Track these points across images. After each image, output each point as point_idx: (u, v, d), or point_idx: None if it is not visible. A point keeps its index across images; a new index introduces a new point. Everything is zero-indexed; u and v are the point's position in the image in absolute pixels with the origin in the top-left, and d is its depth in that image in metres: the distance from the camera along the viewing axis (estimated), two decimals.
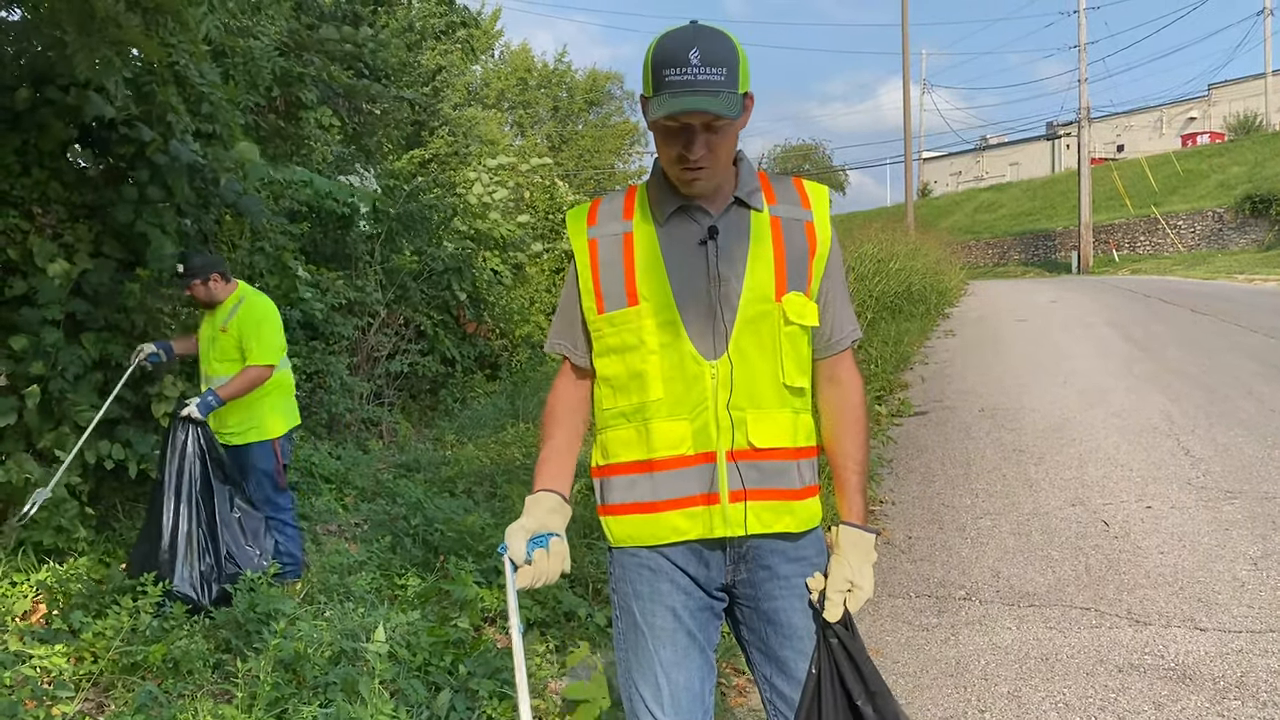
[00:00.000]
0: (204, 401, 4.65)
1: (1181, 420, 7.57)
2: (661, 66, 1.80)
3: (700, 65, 1.77)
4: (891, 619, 4.32)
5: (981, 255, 41.89)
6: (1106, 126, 52.72)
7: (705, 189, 1.92)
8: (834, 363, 2.05)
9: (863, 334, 2.19)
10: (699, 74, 1.77)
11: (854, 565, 1.94)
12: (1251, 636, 3.87)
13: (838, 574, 1.94)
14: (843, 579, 1.93)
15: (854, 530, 1.98)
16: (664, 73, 1.79)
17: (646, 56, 1.85)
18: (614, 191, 2.07)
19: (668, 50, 1.80)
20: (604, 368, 2.01)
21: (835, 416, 2.05)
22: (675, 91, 1.78)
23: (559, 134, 44.84)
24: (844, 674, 1.90)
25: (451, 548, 4.76)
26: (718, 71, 1.78)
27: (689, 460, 1.93)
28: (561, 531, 1.93)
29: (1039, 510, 5.71)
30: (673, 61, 1.79)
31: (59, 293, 5.07)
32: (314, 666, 3.33)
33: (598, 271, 1.97)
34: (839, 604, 1.92)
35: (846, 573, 1.94)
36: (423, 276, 10.47)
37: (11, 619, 4.16)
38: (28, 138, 5.17)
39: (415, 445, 8.48)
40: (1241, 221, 31.83)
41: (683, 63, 1.78)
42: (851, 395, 2.05)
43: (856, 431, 2.04)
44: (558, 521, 1.93)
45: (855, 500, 2.01)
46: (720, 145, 1.86)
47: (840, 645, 1.92)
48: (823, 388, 2.06)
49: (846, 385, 2.05)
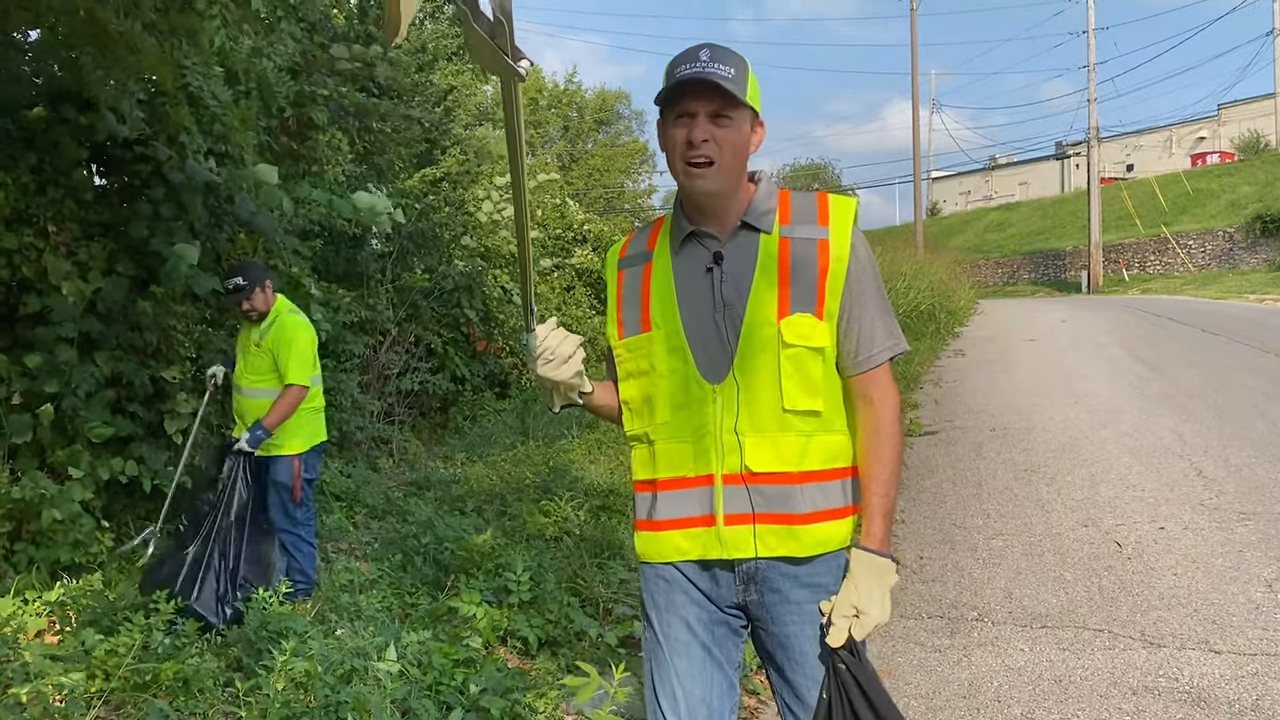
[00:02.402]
0: (253, 436, 4.71)
1: (1194, 440, 7.53)
2: (673, 67, 1.90)
3: (710, 61, 1.87)
4: (904, 640, 4.30)
5: (991, 274, 41.87)
6: (1116, 146, 52.73)
7: (710, 188, 1.91)
8: (866, 380, 1.97)
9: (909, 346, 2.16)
10: (708, 67, 1.86)
11: (862, 590, 1.89)
12: (1267, 660, 3.84)
13: (844, 599, 1.90)
14: (848, 604, 1.89)
15: (866, 554, 1.92)
16: (675, 71, 1.89)
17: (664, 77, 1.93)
18: (646, 224, 2.15)
19: (680, 55, 1.91)
20: (624, 392, 2.08)
21: (862, 438, 1.99)
22: (684, 78, 1.86)
23: (569, 153, 45.01)
24: (853, 700, 1.88)
25: (462, 566, 4.76)
26: (726, 69, 1.86)
27: (690, 482, 1.96)
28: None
29: (1051, 531, 5.69)
30: (684, 60, 1.89)
31: (73, 310, 5.10)
32: (325, 685, 3.33)
33: (621, 300, 2.07)
34: (843, 630, 1.88)
35: (853, 598, 1.89)
36: (433, 295, 10.49)
37: (24, 636, 4.16)
38: (44, 157, 5.21)
39: (425, 463, 8.47)
40: (1252, 241, 31.77)
41: (693, 59, 1.88)
42: (881, 415, 1.97)
43: (879, 454, 1.96)
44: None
45: (874, 523, 1.94)
46: (726, 141, 1.88)
47: (848, 671, 1.89)
48: (856, 407, 2.00)
49: (877, 405, 1.97)
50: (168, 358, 5.77)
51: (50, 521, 4.71)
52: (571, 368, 1.97)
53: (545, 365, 1.95)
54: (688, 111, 1.88)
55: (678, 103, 1.89)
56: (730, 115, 1.87)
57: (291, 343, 4.84)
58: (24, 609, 4.42)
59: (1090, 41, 34.32)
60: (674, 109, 1.90)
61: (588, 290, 14.12)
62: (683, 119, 1.89)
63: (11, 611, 4.35)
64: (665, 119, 1.93)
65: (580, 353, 1.98)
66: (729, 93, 1.84)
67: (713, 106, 1.87)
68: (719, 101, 1.86)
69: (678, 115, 1.89)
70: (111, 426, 5.19)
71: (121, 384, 5.43)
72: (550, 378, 1.97)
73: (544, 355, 1.95)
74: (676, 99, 1.89)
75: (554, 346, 1.95)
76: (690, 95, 1.87)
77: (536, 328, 1.96)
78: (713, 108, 1.87)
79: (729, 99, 1.86)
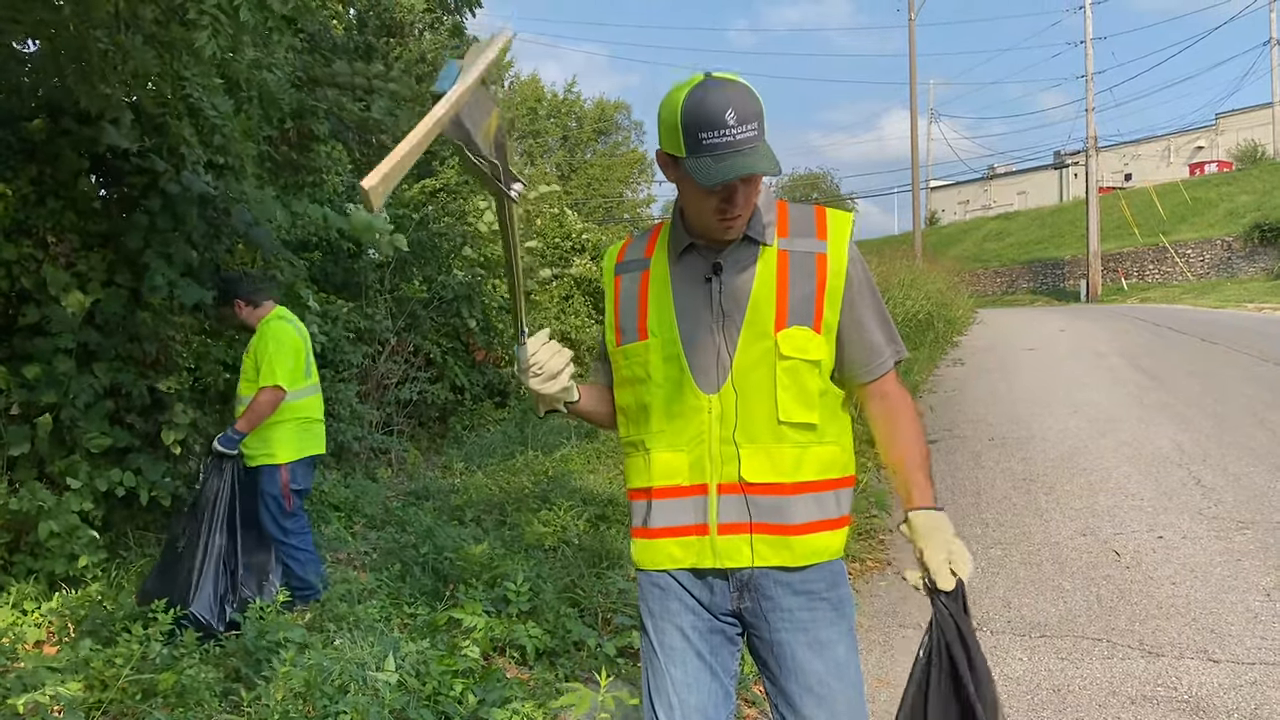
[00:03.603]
0: (225, 437, 4.76)
1: (1192, 449, 7.54)
2: (697, 130, 1.78)
3: (737, 125, 1.77)
4: (902, 650, 4.30)
5: (990, 284, 41.90)
6: (1114, 155, 52.83)
7: (739, 234, 1.95)
8: (878, 385, 2.04)
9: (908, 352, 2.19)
10: (738, 134, 1.77)
11: (943, 539, 1.88)
12: (1265, 669, 3.84)
13: (934, 550, 1.87)
14: (941, 549, 1.86)
15: (929, 513, 1.92)
16: (700, 136, 1.78)
17: (673, 116, 1.82)
18: (644, 230, 2.15)
19: (702, 114, 1.78)
20: (620, 398, 2.10)
21: (888, 425, 2.03)
22: (719, 155, 1.78)
23: (568, 163, 45.11)
24: (952, 649, 1.83)
25: (461, 576, 4.76)
26: (752, 128, 1.79)
27: (683, 491, 1.97)
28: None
29: (1049, 540, 5.69)
30: (709, 124, 1.77)
31: (71, 321, 5.11)
32: (323, 695, 3.32)
33: (618, 307, 2.07)
34: (947, 572, 1.85)
35: (942, 543, 1.87)
36: (432, 304, 10.50)
37: (23, 646, 4.16)
38: (44, 168, 5.22)
39: (424, 473, 8.47)
40: (1251, 250, 31.81)
41: (719, 124, 1.77)
42: (901, 405, 2.04)
43: (910, 432, 2.02)
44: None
45: (924, 485, 1.96)
46: (755, 193, 1.91)
47: (950, 617, 1.85)
48: (871, 406, 2.05)
49: (894, 398, 2.04)
50: (166, 368, 5.77)
51: (48, 534, 4.71)
52: (559, 383, 1.99)
53: (534, 379, 1.97)
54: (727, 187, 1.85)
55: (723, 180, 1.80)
56: None
57: (270, 346, 4.87)
58: (23, 619, 4.42)
59: (1088, 51, 34.40)
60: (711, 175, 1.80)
61: (586, 299, 14.14)
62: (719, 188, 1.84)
63: (10, 622, 4.35)
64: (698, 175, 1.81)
65: (570, 368, 2.00)
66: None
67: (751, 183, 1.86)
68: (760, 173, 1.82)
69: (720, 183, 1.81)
70: (110, 437, 5.19)
71: (120, 395, 5.43)
72: (539, 391, 1.98)
73: (533, 369, 1.96)
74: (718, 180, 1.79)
75: (544, 361, 1.96)
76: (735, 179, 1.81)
77: (527, 340, 1.97)
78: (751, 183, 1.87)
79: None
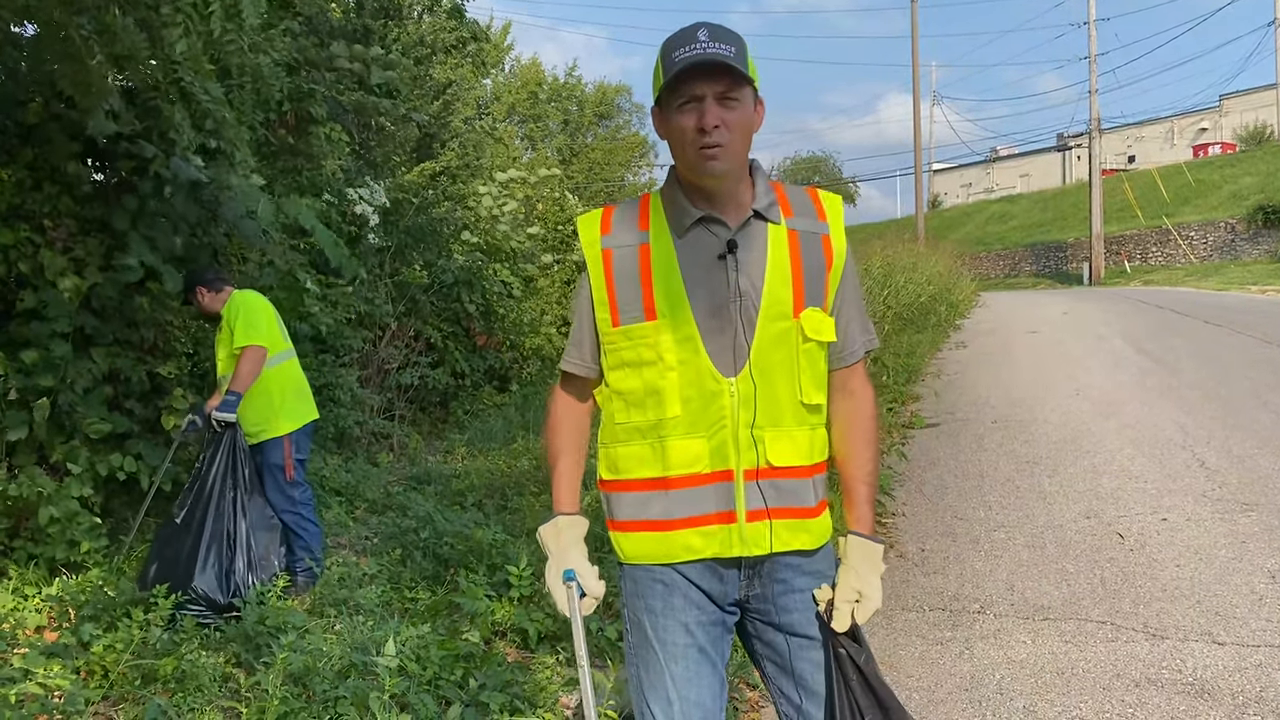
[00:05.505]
0: (224, 402, 4.76)
1: (1196, 432, 7.51)
2: (670, 51, 1.83)
3: (709, 41, 1.80)
4: (905, 633, 4.29)
5: (993, 267, 41.83)
6: (1117, 137, 52.67)
7: (723, 169, 1.85)
8: (847, 374, 2.02)
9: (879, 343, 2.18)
10: (709, 47, 1.79)
11: (862, 575, 1.93)
12: (1270, 651, 3.82)
13: (845, 584, 1.92)
14: (850, 589, 1.92)
15: (863, 540, 1.96)
16: (673, 54, 1.81)
17: (656, 63, 1.85)
18: (627, 201, 2.02)
19: (675, 37, 1.84)
20: (618, 381, 1.96)
21: (847, 428, 2.03)
22: (686, 62, 1.79)
23: (569, 147, 44.93)
24: (853, 688, 1.87)
25: (462, 561, 4.74)
26: (727, 48, 1.80)
27: (705, 478, 1.90)
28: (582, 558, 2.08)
29: (1053, 522, 5.67)
30: (681, 42, 1.82)
31: (69, 306, 5.09)
32: (323, 680, 3.31)
33: (613, 283, 1.92)
34: (847, 614, 1.90)
35: (854, 582, 1.92)
36: (433, 289, 10.47)
37: (23, 632, 4.15)
38: (40, 152, 5.19)
39: (425, 458, 8.45)
40: (1254, 232, 31.72)
41: (691, 40, 1.81)
42: (864, 407, 2.03)
43: (868, 444, 2.03)
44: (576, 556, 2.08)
45: (864, 511, 2.00)
46: (735, 124, 1.83)
47: (848, 657, 1.89)
48: (836, 399, 2.03)
49: (859, 397, 2.03)
50: (164, 353, 5.76)
51: (48, 519, 4.70)
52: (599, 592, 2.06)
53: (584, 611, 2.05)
54: (694, 96, 1.80)
55: (682, 87, 1.81)
56: (736, 96, 1.82)
57: (241, 311, 4.94)
58: (23, 605, 4.41)
59: (1091, 33, 34.21)
60: (678, 94, 1.82)
61: None
62: (689, 104, 1.81)
63: (11, 607, 4.34)
64: (667, 105, 1.85)
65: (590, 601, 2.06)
66: (735, 71, 1.78)
67: (719, 88, 1.80)
68: (725, 82, 1.80)
69: (683, 101, 1.82)
70: (109, 422, 5.18)
71: (119, 380, 5.41)
72: None
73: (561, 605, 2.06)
74: (681, 84, 1.81)
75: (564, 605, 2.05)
76: (696, 78, 1.79)
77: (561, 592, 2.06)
78: (719, 89, 1.80)
79: (735, 78, 1.80)
